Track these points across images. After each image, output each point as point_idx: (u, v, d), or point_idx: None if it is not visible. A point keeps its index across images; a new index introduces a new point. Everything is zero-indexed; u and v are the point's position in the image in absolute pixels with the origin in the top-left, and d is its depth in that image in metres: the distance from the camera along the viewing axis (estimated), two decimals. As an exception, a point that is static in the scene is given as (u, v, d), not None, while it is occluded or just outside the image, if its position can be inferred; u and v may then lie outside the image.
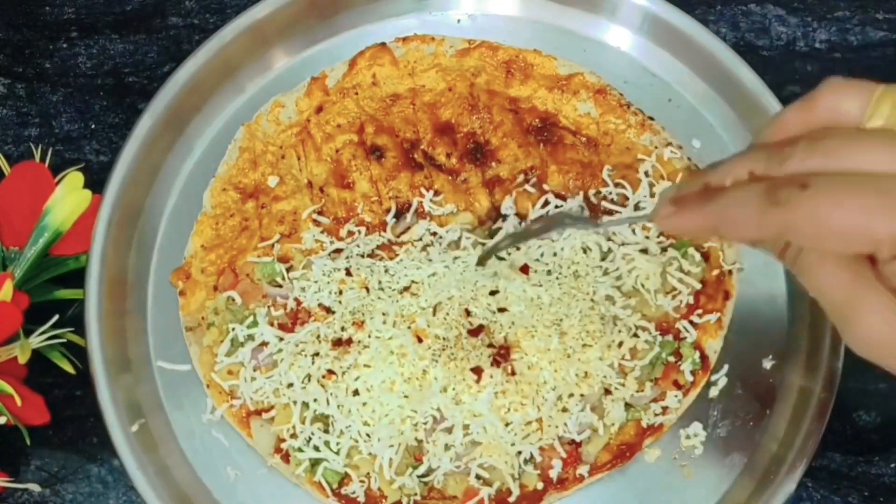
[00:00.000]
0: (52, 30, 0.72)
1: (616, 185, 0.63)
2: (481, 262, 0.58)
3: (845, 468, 0.64)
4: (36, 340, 0.62)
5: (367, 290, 0.61)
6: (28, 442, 0.62)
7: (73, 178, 0.66)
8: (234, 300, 0.62)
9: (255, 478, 0.61)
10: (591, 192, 0.64)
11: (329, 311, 0.61)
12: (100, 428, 0.60)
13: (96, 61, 0.72)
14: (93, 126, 0.70)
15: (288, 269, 0.63)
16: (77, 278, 0.64)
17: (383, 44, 0.69)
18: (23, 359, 0.62)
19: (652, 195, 0.62)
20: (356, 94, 0.69)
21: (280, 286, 0.62)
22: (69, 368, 0.62)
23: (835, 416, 0.60)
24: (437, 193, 0.64)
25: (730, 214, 0.42)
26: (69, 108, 0.71)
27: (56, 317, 0.62)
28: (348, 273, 0.61)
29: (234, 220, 0.64)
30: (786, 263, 0.44)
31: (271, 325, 0.61)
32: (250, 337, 0.61)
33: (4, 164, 0.68)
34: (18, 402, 0.61)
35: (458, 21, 0.70)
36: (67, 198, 0.66)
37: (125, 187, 0.65)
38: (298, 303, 0.61)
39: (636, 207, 0.63)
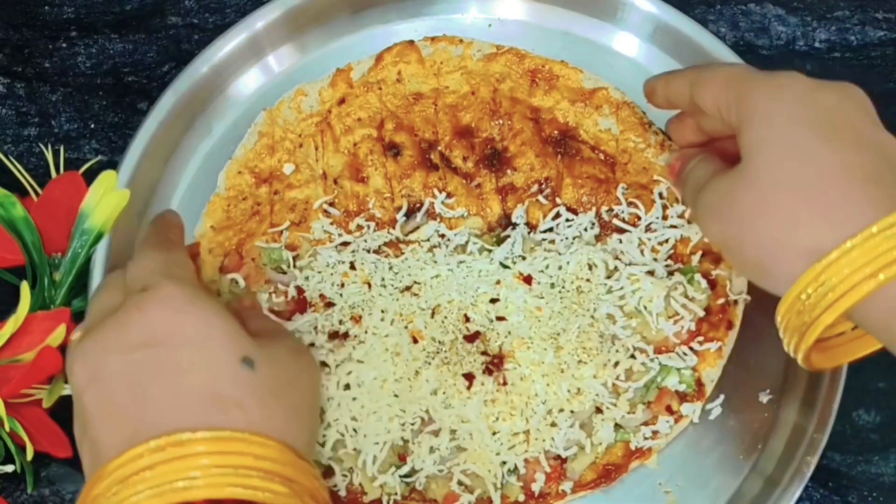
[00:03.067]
0: (51, 29, 0.77)
1: (629, 203, 0.69)
2: None
3: (845, 468, 0.70)
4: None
5: (370, 285, 0.67)
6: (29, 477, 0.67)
7: (107, 178, 0.70)
8: (237, 283, 0.67)
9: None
10: (604, 209, 0.70)
11: (329, 304, 0.67)
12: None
13: (96, 61, 0.75)
14: (92, 126, 0.74)
15: (294, 258, 0.68)
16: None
17: (412, 41, 0.74)
18: (47, 402, 0.65)
19: (665, 217, 0.69)
20: (380, 89, 0.73)
21: (284, 273, 0.68)
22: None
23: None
24: (449, 196, 0.70)
25: (674, 72, 0.63)
26: (69, 108, 0.74)
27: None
28: (352, 267, 0.67)
29: (246, 203, 0.69)
30: (683, 180, 0.60)
31: (271, 311, 0.66)
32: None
33: (30, 180, 0.72)
34: (30, 454, 0.64)
35: (490, 25, 0.77)
36: (104, 199, 0.69)
37: (140, 164, 0.70)
38: (300, 292, 0.67)
39: (647, 229, 0.69)
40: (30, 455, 0.63)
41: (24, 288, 0.65)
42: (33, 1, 0.80)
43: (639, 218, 0.69)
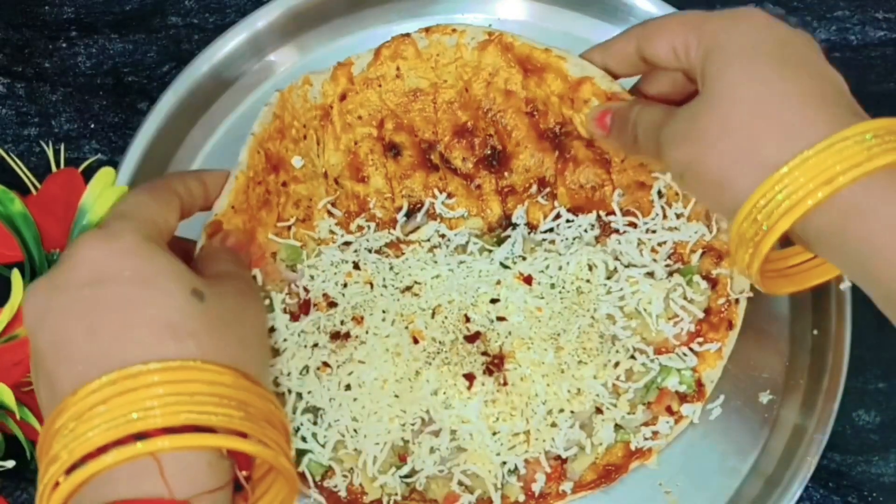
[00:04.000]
0: (51, 29, 0.76)
1: (626, 213, 0.69)
2: None
3: (845, 468, 0.70)
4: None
5: (372, 286, 0.67)
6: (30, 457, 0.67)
7: (105, 175, 0.70)
8: (255, 278, 0.66)
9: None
10: (603, 212, 0.69)
11: (332, 303, 0.67)
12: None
13: (96, 61, 0.75)
14: (92, 125, 0.74)
15: (303, 256, 0.70)
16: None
17: (408, 34, 0.71)
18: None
19: (664, 216, 0.68)
20: (379, 86, 0.71)
21: (295, 271, 0.68)
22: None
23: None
24: (450, 196, 0.70)
25: (614, 37, 0.64)
26: (68, 108, 0.74)
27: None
28: (356, 266, 0.67)
29: (260, 188, 0.67)
30: (632, 130, 0.61)
31: (284, 312, 0.66)
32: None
33: (31, 177, 0.73)
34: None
35: (490, 25, 0.75)
36: (103, 195, 0.69)
37: (141, 164, 0.71)
38: (307, 291, 0.67)
39: (647, 230, 0.68)
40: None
41: (16, 275, 0.66)
42: (33, 1, 0.80)
43: (635, 225, 0.68)
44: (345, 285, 0.67)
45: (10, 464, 0.65)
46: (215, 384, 0.48)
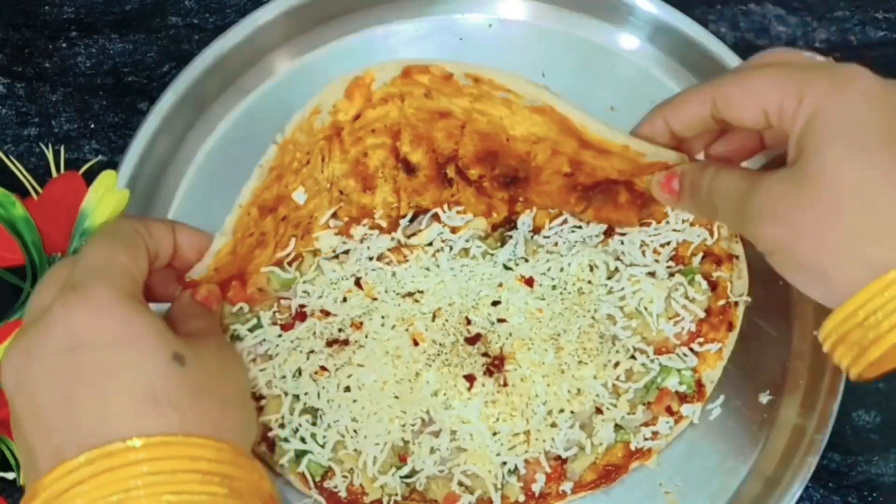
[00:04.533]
0: (51, 29, 0.77)
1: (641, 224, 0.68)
2: None
3: (845, 468, 0.70)
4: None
5: (375, 299, 0.67)
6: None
7: (107, 178, 0.70)
8: (242, 309, 0.65)
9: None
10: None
11: (328, 313, 0.66)
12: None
13: (96, 61, 0.75)
14: (92, 126, 0.74)
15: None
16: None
17: (450, 75, 0.62)
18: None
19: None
20: (402, 101, 0.65)
21: (288, 290, 0.67)
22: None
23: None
24: (458, 204, 0.69)
25: (682, 98, 0.58)
26: (69, 108, 0.74)
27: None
28: (357, 284, 0.67)
29: (252, 238, 0.64)
30: (703, 196, 0.57)
31: (274, 325, 0.65)
32: (250, 330, 0.65)
33: (30, 179, 0.73)
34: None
35: (490, 25, 0.77)
36: (104, 199, 0.69)
37: (140, 164, 0.71)
38: (301, 306, 0.66)
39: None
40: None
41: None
42: (33, 1, 0.80)
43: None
44: (344, 300, 0.66)
45: (10, 476, 0.65)
46: (198, 459, 0.47)
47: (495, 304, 0.66)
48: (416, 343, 0.65)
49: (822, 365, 0.67)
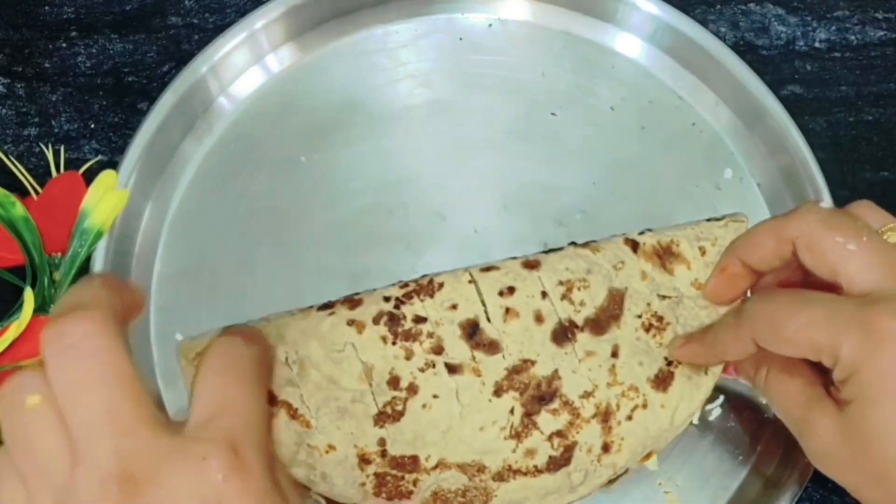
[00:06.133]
0: (51, 29, 0.76)
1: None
2: None
3: None
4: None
5: None
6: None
7: (107, 178, 0.70)
8: None
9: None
10: None
11: None
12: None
13: (96, 61, 0.74)
14: (92, 126, 0.73)
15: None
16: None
17: None
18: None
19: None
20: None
21: None
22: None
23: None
24: None
25: (719, 338, 0.55)
26: (68, 108, 0.73)
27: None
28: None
29: None
30: (758, 388, 0.56)
31: None
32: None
33: (30, 179, 0.73)
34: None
35: (490, 25, 0.76)
36: (104, 198, 0.69)
37: (140, 164, 0.70)
38: None
39: None
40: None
41: (28, 295, 0.66)
42: (33, 1, 0.80)
43: None
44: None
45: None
46: None
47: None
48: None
49: (823, 365, 0.67)
